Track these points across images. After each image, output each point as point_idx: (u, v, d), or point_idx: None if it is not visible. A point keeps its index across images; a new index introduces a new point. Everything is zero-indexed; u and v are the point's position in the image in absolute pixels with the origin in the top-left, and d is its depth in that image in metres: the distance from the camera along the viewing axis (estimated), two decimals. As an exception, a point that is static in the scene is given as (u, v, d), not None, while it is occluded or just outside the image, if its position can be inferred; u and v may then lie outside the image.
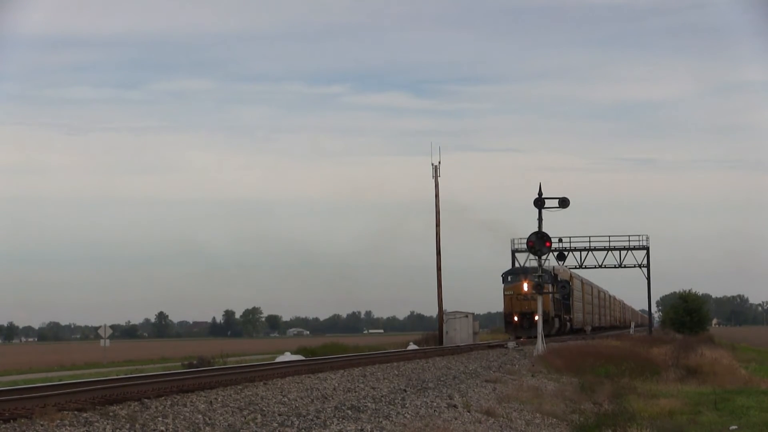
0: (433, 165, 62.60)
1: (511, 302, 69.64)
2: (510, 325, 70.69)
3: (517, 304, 68.91)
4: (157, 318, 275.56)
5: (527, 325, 67.91)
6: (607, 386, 31.30)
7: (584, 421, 24.08)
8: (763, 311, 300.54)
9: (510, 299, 69.65)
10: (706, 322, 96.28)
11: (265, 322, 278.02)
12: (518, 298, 68.31)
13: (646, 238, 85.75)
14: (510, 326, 70.72)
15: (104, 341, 67.98)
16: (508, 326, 71.17)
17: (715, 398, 28.41)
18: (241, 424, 16.74)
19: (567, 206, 47.84)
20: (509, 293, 69.57)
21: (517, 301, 68.71)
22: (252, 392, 20.96)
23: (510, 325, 70.69)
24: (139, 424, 15.72)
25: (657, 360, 42.85)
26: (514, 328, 70.09)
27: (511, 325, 70.35)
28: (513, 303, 69.39)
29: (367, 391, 23.21)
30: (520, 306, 68.66)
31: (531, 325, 65.90)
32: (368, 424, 17.75)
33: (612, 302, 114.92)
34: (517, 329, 69.45)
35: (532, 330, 64.33)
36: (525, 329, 68.48)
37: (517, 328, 69.47)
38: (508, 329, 71.51)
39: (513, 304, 69.40)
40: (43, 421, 15.04)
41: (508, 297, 69.83)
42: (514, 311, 69.48)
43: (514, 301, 69.11)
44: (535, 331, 61.71)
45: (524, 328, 68.64)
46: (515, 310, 69.25)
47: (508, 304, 70.00)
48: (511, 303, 69.68)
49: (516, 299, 68.83)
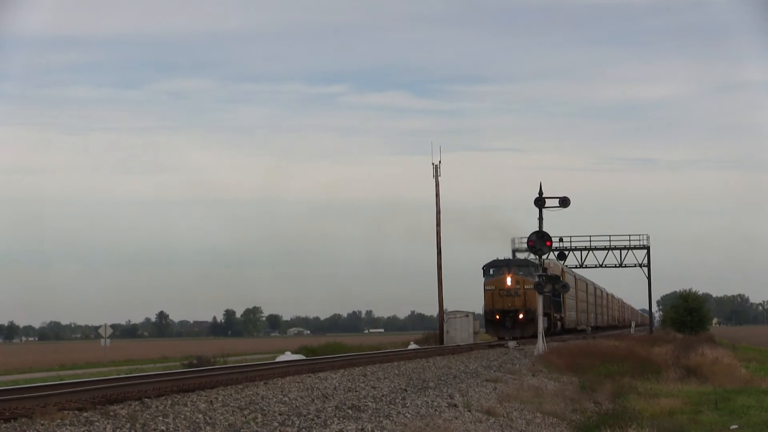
0: (434, 164, 62.63)
1: (492, 298, 63.58)
2: (491, 324, 64.60)
3: (499, 300, 63.25)
4: (157, 317, 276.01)
5: (510, 324, 62.98)
6: (607, 386, 31.31)
7: (585, 420, 24.09)
8: (763, 311, 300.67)
9: (491, 295, 63.61)
10: (707, 321, 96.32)
11: (266, 321, 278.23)
12: (500, 293, 63.12)
13: (646, 238, 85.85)
14: (491, 325, 64.71)
15: (105, 341, 67.99)
16: (489, 325, 65.09)
17: (715, 398, 28.39)
18: (241, 424, 16.74)
19: (567, 206, 47.87)
20: (490, 288, 63.66)
21: (500, 298, 63.18)
22: (252, 392, 20.95)
23: (491, 324, 64.60)
24: (139, 423, 15.71)
25: (657, 359, 42.84)
26: (495, 328, 64.35)
27: (493, 324, 64.34)
28: (494, 299, 63.43)
29: (368, 391, 23.21)
30: (503, 303, 63.12)
31: (515, 325, 62.33)
32: (369, 423, 17.74)
33: (610, 301, 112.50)
34: (499, 329, 63.85)
35: (516, 330, 61.85)
36: (508, 329, 63.21)
37: (499, 327, 63.78)
38: (489, 329, 65.65)
39: (495, 300, 63.43)
40: (43, 420, 15.04)
41: (489, 293, 63.76)
42: (495, 308, 63.41)
43: (496, 297, 63.34)
44: (519, 332, 61.38)
45: (507, 328, 63.27)
46: (497, 307, 63.30)
47: (489, 300, 63.82)
48: (492, 299, 63.59)
49: (498, 295, 63.23)
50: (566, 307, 75.06)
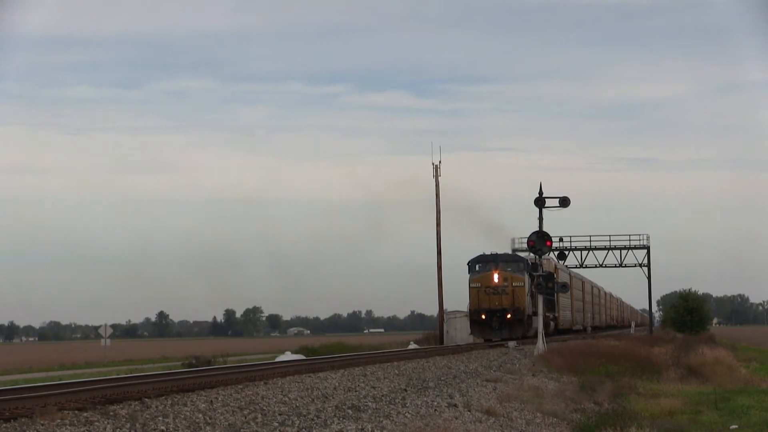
0: (434, 164, 62.58)
1: (478, 297, 57.99)
2: (476, 325, 58.90)
3: (485, 299, 57.66)
4: (157, 317, 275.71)
5: (498, 324, 57.54)
6: (607, 386, 31.32)
7: (585, 420, 24.10)
8: (763, 311, 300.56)
9: (477, 293, 58.10)
10: (707, 321, 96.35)
11: (266, 321, 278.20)
12: (487, 291, 57.66)
13: (646, 238, 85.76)
14: (476, 326, 59.01)
15: (105, 341, 68.00)
16: (475, 326, 59.31)
17: (715, 398, 28.41)
18: (241, 424, 16.74)
19: (567, 205, 47.91)
20: (476, 286, 58.22)
21: (486, 296, 57.64)
22: (252, 392, 20.95)
23: (476, 325, 58.90)
24: (139, 423, 15.71)
25: (657, 359, 42.87)
26: (481, 329, 58.76)
27: (478, 325, 58.65)
28: (480, 298, 57.82)
29: (368, 391, 23.21)
30: (489, 302, 57.56)
31: (502, 325, 57.38)
32: (369, 423, 17.74)
33: (608, 300, 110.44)
34: (485, 330, 58.43)
35: (504, 331, 57.39)
36: (495, 329, 57.84)
37: (486, 328, 58.28)
38: (475, 330, 59.83)
39: (480, 299, 57.82)
40: (43, 420, 15.04)
41: (474, 290, 58.27)
42: (481, 308, 57.78)
43: (482, 296, 57.76)
44: (508, 333, 57.52)
45: (494, 329, 57.85)
46: (483, 306, 57.67)
47: (475, 299, 58.20)
48: (478, 298, 58.00)
49: (484, 293, 57.73)
50: (560, 306, 70.78)
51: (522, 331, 57.50)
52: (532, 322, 59.01)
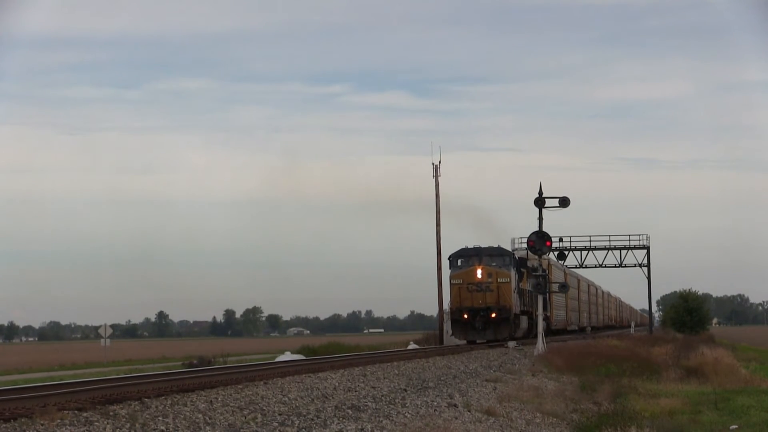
0: (434, 164, 62.48)
1: (459, 294, 52.90)
2: (458, 325, 53.70)
3: (467, 297, 52.60)
4: (157, 317, 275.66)
5: (481, 325, 52.55)
6: (607, 386, 31.31)
7: (585, 420, 24.10)
8: (763, 311, 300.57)
9: (458, 290, 52.94)
10: (707, 321, 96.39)
11: (266, 321, 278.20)
12: (469, 288, 52.58)
13: (646, 238, 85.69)
14: (458, 326, 53.78)
15: (104, 341, 67.96)
16: (456, 326, 54.06)
17: (715, 398, 28.39)
18: (241, 424, 16.74)
19: (567, 206, 47.91)
20: (457, 282, 53.03)
21: (468, 294, 52.59)
22: (252, 392, 20.95)
23: (458, 325, 53.70)
24: (139, 423, 15.72)
25: (657, 359, 42.86)
26: (463, 330, 53.57)
27: (460, 325, 53.49)
28: (462, 295, 52.76)
29: (368, 391, 23.21)
30: (472, 299, 52.54)
31: (486, 326, 52.50)
32: (369, 423, 17.74)
33: (606, 299, 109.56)
34: (468, 331, 53.31)
35: (488, 331, 52.77)
36: (479, 330, 52.92)
37: (468, 329, 53.17)
38: (456, 331, 54.49)
39: (462, 296, 52.77)
40: (43, 420, 15.04)
41: (455, 287, 53.07)
42: (463, 306, 52.69)
43: (464, 293, 52.70)
44: (492, 334, 53.11)
45: (478, 330, 52.90)
46: (465, 305, 52.61)
47: (456, 296, 53.07)
48: (459, 295, 52.92)
49: (466, 290, 52.62)
50: (553, 305, 67.24)
51: (508, 331, 53.32)
52: (519, 321, 55.57)
